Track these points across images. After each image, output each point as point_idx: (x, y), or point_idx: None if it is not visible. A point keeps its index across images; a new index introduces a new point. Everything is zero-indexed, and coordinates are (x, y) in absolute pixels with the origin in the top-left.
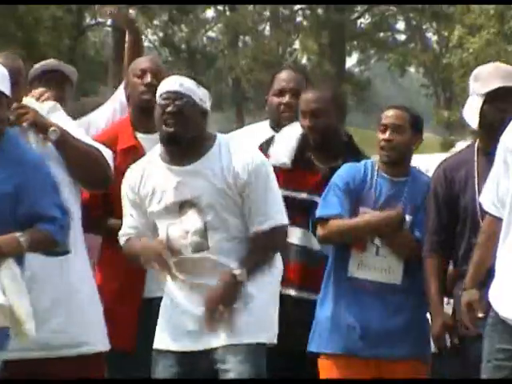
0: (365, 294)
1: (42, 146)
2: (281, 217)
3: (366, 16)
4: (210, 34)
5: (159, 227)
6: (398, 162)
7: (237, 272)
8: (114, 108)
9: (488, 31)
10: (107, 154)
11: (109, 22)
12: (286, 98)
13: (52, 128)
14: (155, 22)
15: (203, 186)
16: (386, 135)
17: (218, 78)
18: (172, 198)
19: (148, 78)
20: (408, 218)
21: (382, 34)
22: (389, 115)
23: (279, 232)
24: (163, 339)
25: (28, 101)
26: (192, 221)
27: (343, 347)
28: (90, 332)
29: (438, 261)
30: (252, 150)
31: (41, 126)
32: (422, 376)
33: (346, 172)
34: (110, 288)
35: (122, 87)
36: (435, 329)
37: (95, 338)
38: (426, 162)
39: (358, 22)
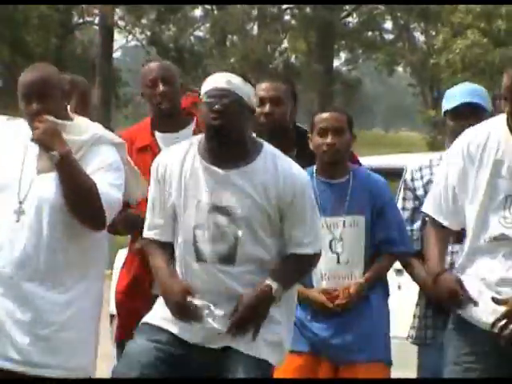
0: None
1: (49, 165)
2: (320, 245)
3: (354, 15)
4: (198, 33)
5: (182, 224)
6: (338, 164)
7: (274, 286)
8: None
9: (473, 32)
10: (112, 200)
11: (96, 20)
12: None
13: (52, 152)
14: (143, 21)
15: (242, 197)
16: (329, 139)
17: (206, 77)
18: (206, 200)
19: (160, 88)
20: (361, 217)
21: (369, 34)
22: (327, 118)
23: (315, 259)
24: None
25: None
26: (222, 229)
27: (305, 346)
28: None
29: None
30: (299, 169)
31: (44, 145)
32: (386, 377)
33: None
34: (121, 284)
35: None
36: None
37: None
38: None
39: (346, 21)
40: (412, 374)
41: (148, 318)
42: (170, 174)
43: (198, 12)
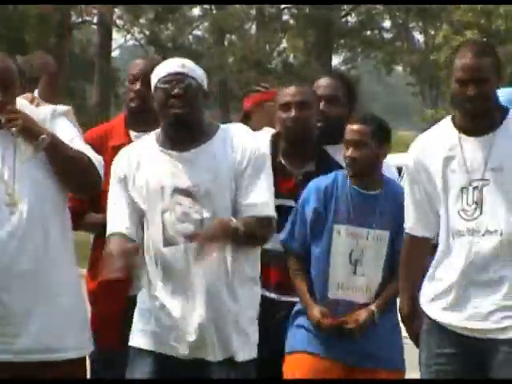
0: (339, 314)
1: (30, 153)
2: (268, 209)
3: (353, 14)
4: (197, 32)
5: (149, 214)
6: (365, 175)
7: (234, 221)
8: None
9: (473, 31)
10: (98, 160)
11: (95, 19)
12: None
13: (42, 136)
14: (141, 20)
15: (201, 175)
16: (349, 152)
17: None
18: (169, 184)
19: (136, 86)
20: (386, 233)
21: (368, 33)
22: (350, 130)
23: (268, 223)
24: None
25: (23, 104)
26: (188, 210)
27: (319, 348)
28: (73, 336)
29: None
30: (256, 139)
31: (30, 134)
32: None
33: (315, 192)
34: (94, 287)
35: None
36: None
37: (79, 341)
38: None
39: (345, 20)
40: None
41: (132, 340)
42: (128, 172)
43: (196, 11)
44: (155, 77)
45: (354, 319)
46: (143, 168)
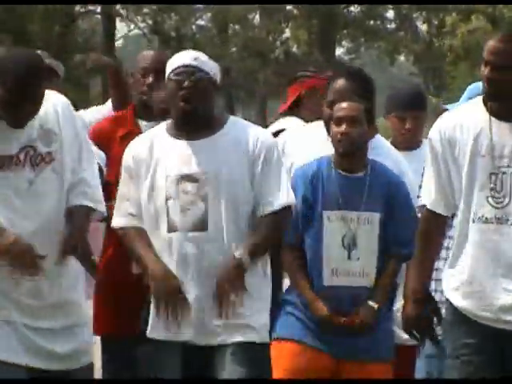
0: (340, 302)
1: None
2: (287, 197)
3: (356, 5)
4: (200, 22)
5: (155, 201)
6: (354, 154)
7: (237, 254)
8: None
9: (477, 17)
10: (101, 157)
11: (98, 9)
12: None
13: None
14: (145, 10)
15: (209, 162)
16: (343, 128)
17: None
18: (174, 171)
19: (150, 79)
20: (376, 215)
21: (371, 23)
22: (344, 107)
23: (285, 213)
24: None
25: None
26: (192, 197)
27: (307, 338)
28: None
29: None
30: (263, 130)
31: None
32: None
33: (301, 180)
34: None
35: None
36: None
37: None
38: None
39: (348, 10)
40: None
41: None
42: (138, 163)
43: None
44: (169, 67)
45: (357, 319)
46: (154, 156)
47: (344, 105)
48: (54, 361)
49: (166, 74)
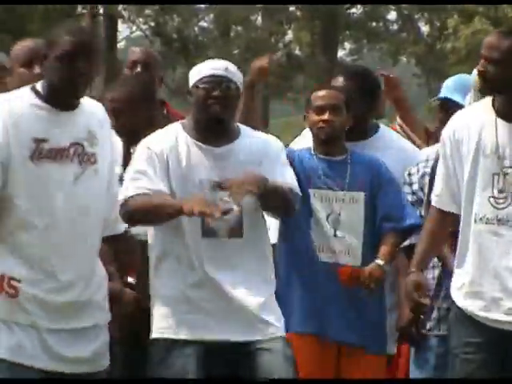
0: (328, 278)
1: None
2: (295, 187)
3: (358, 6)
4: (202, 23)
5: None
6: (335, 141)
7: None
8: None
9: (480, 19)
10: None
11: (101, 10)
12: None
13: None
14: (147, 11)
15: (239, 169)
16: (326, 116)
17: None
18: (206, 177)
19: (138, 69)
20: (360, 194)
21: (374, 24)
22: (324, 95)
23: (294, 194)
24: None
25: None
26: (228, 204)
27: (313, 327)
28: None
29: None
30: (271, 136)
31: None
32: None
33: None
34: None
35: None
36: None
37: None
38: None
39: (351, 11)
40: None
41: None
42: (163, 157)
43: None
44: (197, 75)
45: (366, 273)
46: (180, 155)
47: (324, 93)
48: (76, 364)
49: (193, 81)
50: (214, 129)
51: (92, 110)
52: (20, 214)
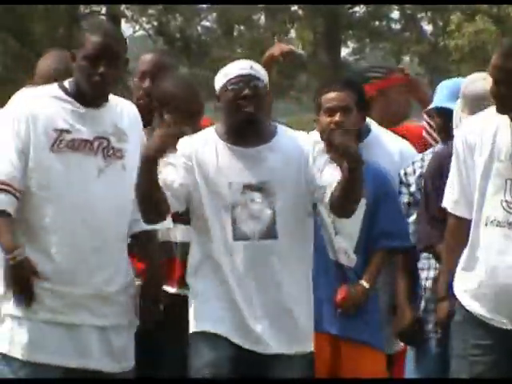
0: (333, 275)
1: None
2: None
3: (361, 5)
4: (205, 23)
5: (211, 208)
6: None
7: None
8: None
9: (482, 17)
10: None
11: (103, 10)
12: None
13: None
14: (150, 11)
15: (272, 170)
16: (336, 117)
17: (214, 67)
18: (237, 179)
19: (146, 83)
20: (364, 200)
21: (377, 23)
22: (334, 97)
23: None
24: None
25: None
26: (259, 206)
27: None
28: None
29: None
30: (308, 136)
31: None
32: (382, 364)
33: None
34: None
35: None
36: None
37: None
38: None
39: (353, 10)
40: None
41: (200, 324)
42: (192, 159)
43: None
44: (224, 77)
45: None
46: (206, 162)
47: (334, 95)
48: (104, 360)
49: (221, 84)
50: (247, 129)
51: (122, 108)
52: (36, 202)
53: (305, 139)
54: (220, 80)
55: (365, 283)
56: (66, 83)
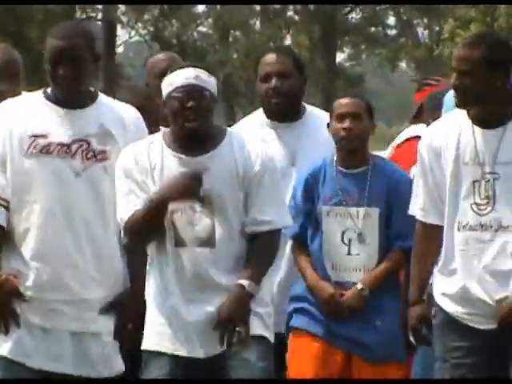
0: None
1: None
2: (281, 219)
3: (357, 11)
4: (201, 28)
5: None
6: (358, 148)
7: (245, 283)
8: None
9: (476, 25)
10: None
11: (99, 15)
12: (273, 82)
13: None
14: (146, 17)
15: (213, 179)
16: (346, 124)
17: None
18: None
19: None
20: (375, 210)
21: (372, 29)
22: (346, 104)
23: (275, 236)
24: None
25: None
26: (199, 213)
27: (320, 331)
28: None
29: None
30: (262, 145)
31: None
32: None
33: (303, 179)
34: None
35: None
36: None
37: None
38: None
39: (349, 16)
40: None
41: (147, 343)
42: (139, 169)
43: (201, 7)
44: (169, 85)
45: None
46: (155, 169)
47: (346, 101)
48: (78, 366)
49: (166, 92)
50: (192, 139)
51: (113, 110)
52: (13, 208)
53: (257, 155)
54: (165, 87)
55: (359, 285)
56: (49, 88)
